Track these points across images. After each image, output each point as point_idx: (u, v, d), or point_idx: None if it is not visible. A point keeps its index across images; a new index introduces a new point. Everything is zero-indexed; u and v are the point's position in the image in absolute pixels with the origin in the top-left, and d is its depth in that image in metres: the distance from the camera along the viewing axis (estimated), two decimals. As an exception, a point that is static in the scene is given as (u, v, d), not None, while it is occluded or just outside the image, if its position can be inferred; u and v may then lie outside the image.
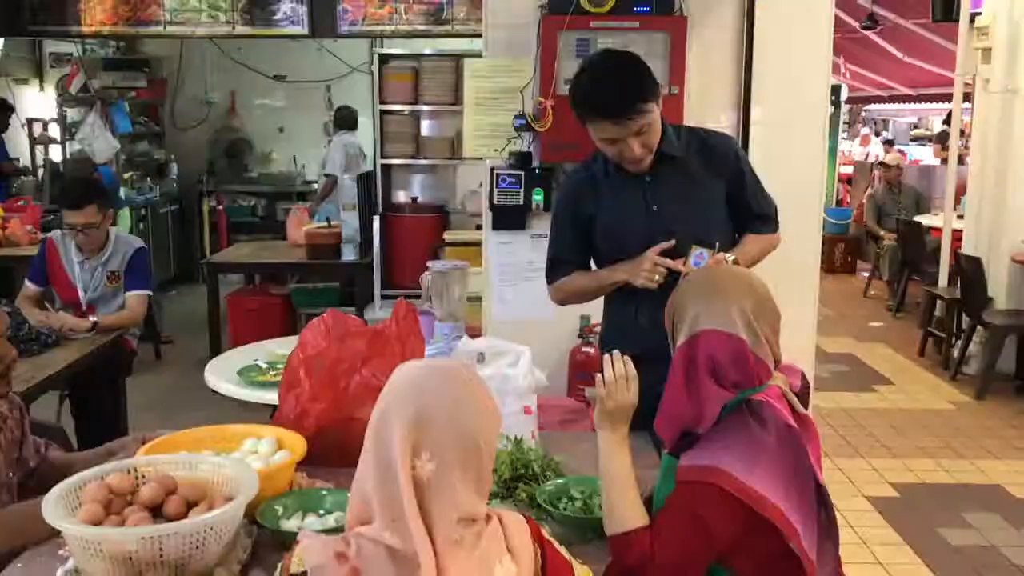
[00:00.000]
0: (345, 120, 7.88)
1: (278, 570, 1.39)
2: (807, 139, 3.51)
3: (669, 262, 2.40)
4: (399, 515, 1.31)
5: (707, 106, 3.44)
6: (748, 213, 2.58)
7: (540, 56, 3.29)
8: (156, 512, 1.78)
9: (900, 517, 4.14)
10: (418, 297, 5.80)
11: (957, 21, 6.63)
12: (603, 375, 1.82)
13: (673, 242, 2.43)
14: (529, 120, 3.29)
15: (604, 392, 1.81)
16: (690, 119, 3.21)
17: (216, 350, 5.78)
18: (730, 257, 2.40)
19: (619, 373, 1.80)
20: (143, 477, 1.87)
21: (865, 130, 17.51)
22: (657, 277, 2.40)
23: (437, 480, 1.33)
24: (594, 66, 2.46)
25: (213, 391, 3.29)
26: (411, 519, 1.30)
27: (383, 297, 6.17)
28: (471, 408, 1.38)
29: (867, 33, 10.14)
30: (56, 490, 1.75)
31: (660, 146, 2.47)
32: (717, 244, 2.39)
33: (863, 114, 19.16)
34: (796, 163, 3.47)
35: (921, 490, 4.48)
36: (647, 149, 2.43)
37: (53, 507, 1.70)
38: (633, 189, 2.53)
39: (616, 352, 1.85)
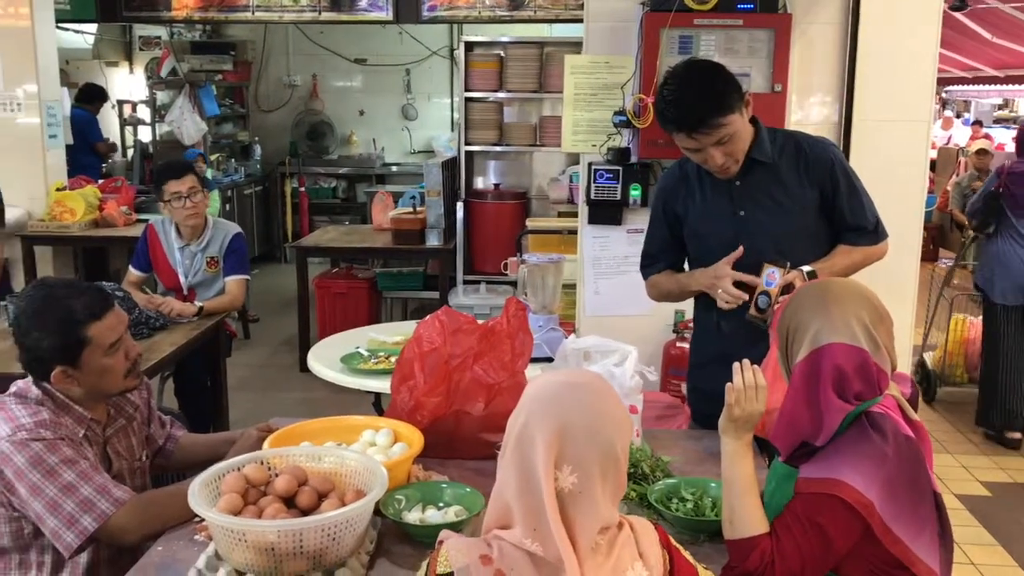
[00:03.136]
0: None
1: (423, 570, 1.45)
2: (910, 137, 3.46)
3: (740, 293, 2.39)
4: (540, 524, 1.37)
5: (810, 103, 3.41)
6: (842, 223, 2.53)
7: (642, 53, 3.30)
8: (289, 502, 1.87)
9: (992, 517, 4.09)
10: (500, 283, 5.95)
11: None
12: (733, 383, 1.85)
13: (741, 249, 2.43)
14: (629, 117, 3.31)
15: (733, 399, 1.84)
16: (792, 116, 3.20)
17: (304, 332, 5.93)
18: (807, 269, 2.38)
19: (748, 382, 1.84)
20: (273, 468, 1.96)
21: (948, 112, 17.05)
22: (737, 303, 2.41)
23: (579, 492, 1.38)
24: (674, 79, 2.41)
25: (302, 371, 3.39)
26: (555, 530, 1.35)
27: (465, 282, 6.26)
28: (609, 421, 1.43)
29: (955, 14, 9.86)
30: (198, 480, 1.85)
31: (750, 151, 2.46)
32: (788, 263, 2.36)
33: (944, 95, 18.65)
34: (898, 161, 3.43)
35: (1013, 490, 4.41)
36: (731, 157, 2.42)
37: (197, 496, 1.79)
38: (721, 193, 2.53)
39: (746, 361, 1.88)
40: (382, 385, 3.12)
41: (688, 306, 2.89)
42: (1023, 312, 4.94)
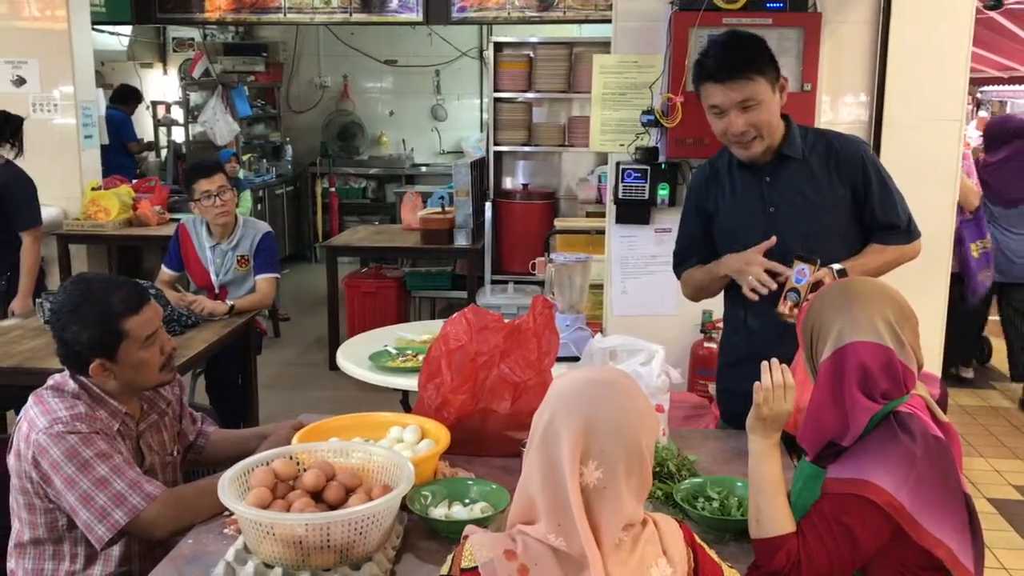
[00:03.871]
0: None
1: (448, 564, 1.47)
2: (942, 137, 3.42)
3: (769, 280, 2.38)
4: (565, 519, 1.38)
5: (840, 103, 3.39)
6: (873, 221, 2.51)
7: (670, 53, 3.29)
8: (317, 497, 1.89)
9: (1024, 521, 4.05)
10: (528, 283, 5.96)
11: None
12: (761, 382, 1.85)
13: (775, 239, 2.41)
14: (657, 116, 3.30)
15: (761, 399, 1.83)
16: (822, 117, 3.18)
17: (334, 330, 5.98)
18: (837, 267, 2.36)
19: (777, 382, 1.83)
20: (301, 463, 1.99)
21: (983, 113, 16.81)
22: (764, 290, 2.40)
23: (604, 487, 1.39)
24: (715, 38, 2.51)
25: (331, 369, 3.42)
26: (579, 526, 1.36)
27: (493, 282, 6.27)
28: (635, 417, 1.43)
29: (991, 14, 9.71)
30: (228, 474, 1.87)
31: (781, 147, 2.47)
32: (819, 260, 2.35)
33: (979, 96, 18.38)
34: (929, 162, 3.39)
35: (1046, 494, 4.36)
36: (753, 128, 2.40)
37: (227, 490, 1.81)
38: (752, 189, 2.52)
39: (775, 360, 1.87)
40: (409, 383, 3.14)
41: (716, 305, 2.89)
42: (992, 289, 5.69)
